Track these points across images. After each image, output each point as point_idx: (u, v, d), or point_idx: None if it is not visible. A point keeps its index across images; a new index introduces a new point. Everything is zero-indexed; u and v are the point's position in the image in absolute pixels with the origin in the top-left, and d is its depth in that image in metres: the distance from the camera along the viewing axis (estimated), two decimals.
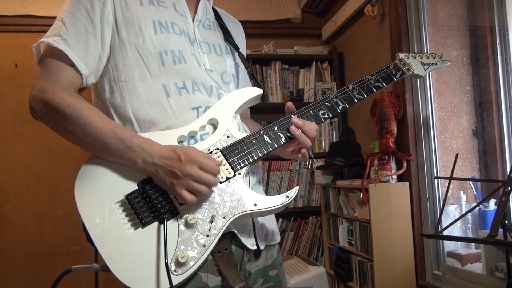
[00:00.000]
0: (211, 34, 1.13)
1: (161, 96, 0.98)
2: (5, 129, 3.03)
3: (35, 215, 3.01)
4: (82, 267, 0.92)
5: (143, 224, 0.88)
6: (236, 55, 1.18)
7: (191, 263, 0.87)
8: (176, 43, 1.02)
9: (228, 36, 1.17)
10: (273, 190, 3.12)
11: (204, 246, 0.89)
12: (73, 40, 0.94)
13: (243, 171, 0.96)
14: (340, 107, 1.07)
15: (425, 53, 1.26)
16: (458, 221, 1.81)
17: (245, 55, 1.23)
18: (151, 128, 0.97)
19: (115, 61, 0.99)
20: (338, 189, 2.60)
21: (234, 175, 0.95)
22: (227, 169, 0.95)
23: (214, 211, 0.91)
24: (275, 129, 1.01)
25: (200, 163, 0.87)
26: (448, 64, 1.29)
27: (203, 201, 0.91)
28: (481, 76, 2.15)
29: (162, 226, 0.87)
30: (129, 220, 0.89)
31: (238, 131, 1.01)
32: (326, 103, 1.06)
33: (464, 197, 2.05)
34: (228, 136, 0.98)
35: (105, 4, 0.97)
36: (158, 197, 0.90)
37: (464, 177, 2.14)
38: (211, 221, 0.90)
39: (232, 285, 0.91)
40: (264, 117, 3.17)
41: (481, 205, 1.93)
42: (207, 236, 0.89)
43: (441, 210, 1.69)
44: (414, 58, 1.23)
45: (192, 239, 0.88)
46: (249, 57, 2.99)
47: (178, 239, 0.88)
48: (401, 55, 1.21)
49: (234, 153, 0.96)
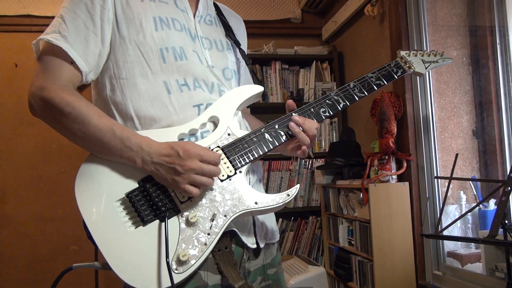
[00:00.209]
0: (212, 30, 1.13)
1: (162, 93, 0.98)
2: (5, 129, 3.03)
3: (35, 215, 3.01)
4: (83, 265, 0.92)
5: (144, 222, 0.88)
6: (238, 50, 1.17)
7: (192, 261, 0.87)
8: (177, 39, 1.01)
9: (229, 32, 1.16)
10: (273, 190, 3.12)
11: (205, 244, 0.88)
12: (73, 37, 0.93)
13: (244, 169, 0.95)
14: (341, 105, 1.06)
15: (426, 51, 1.25)
16: (458, 221, 1.81)
17: (246, 50, 1.22)
18: (152, 126, 0.97)
19: (116, 58, 0.98)
20: (338, 189, 2.60)
21: (235, 173, 0.94)
22: (228, 167, 0.94)
23: (215, 209, 0.91)
24: (276, 127, 1.01)
25: (201, 156, 0.87)
26: (448, 62, 1.29)
27: (204, 199, 0.91)
28: (481, 76, 2.15)
29: (163, 224, 0.87)
30: (130, 218, 0.89)
31: (239, 129, 1.00)
32: (327, 101, 1.06)
33: (464, 197, 2.05)
34: (229, 134, 0.98)
35: (105, 0, 0.96)
36: (159, 195, 0.89)
37: (464, 177, 2.14)
38: (212, 219, 0.90)
39: (231, 284, 0.91)
40: (264, 117, 3.16)
41: (481, 205, 1.93)
42: (208, 234, 0.89)
43: (441, 210, 1.69)
44: (415, 55, 1.22)
45: (193, 237, 0.88)
46: (249, 57, 2.94)
47: (179, 237, 0.88)
48: (402, 53, 1.21)
49: (235, 151, 0.96)
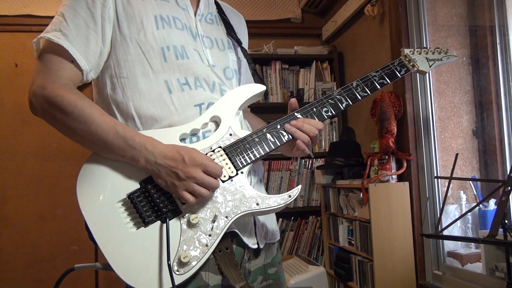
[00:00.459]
0: (213, 29, 1.12)
1: (163, 93, 0.97)
2: (5, 129, 3.03)
3: (35, 215, 3.00)
4: (85, 266, 0.92)
5: (146, 223, 0.88)
6: (239, 49, 1.16)
7: (194, 262, 0.87)
8: (178, 38, 1.00)
9: (230, 31, 1.15)
10: (273, 189, 3.12)
11: (207, 245, 0.88)
12: (73, 35, 0.92)
13: (245, 169, 0.95)
14: (343, 105, 1.05)
15: (430, 48, 1.23)
16: (458, 221, 1.81)
17: (247, 48, 1.21)
18: (154, 125, 0.96)
19: (117, 57, 0.97)
20: (338, 189, 2.60)
21: (237, 174, 0.94)
22: (229, 168, 0.94)
23: (216, 210, 0.91)
24: (278, 127, 1.01)
25: (205, 166, 0.87)
26: (453, 59, 1.26)
27: (206, 201, 0.91)
28: (481, 76, 2.15)
29: (164, 225, 0.87)
30: (131, 219, 0.89)
31: (240, 129, 1.00)
32: (330, 100, 1.05)
33: (464, 197, 2.05)
34: (230, 134, 0.97)
35: None
36: (161, 196, 0.89)
37: (464, 177, 2.14)
38: (214, 221, 0.90)
39: (232, 284, 0.91)
40: (264, 116, 3.12)
41: (481, 205, 1.93)
42: (210, 235, 0.89)
43: (441, 210, 1.69)
44: (420, 53, 1.20)
45: (195, 238, 0.88)
46: None
47: (180, 239, 0.88)
48: (406, 51, 1.19)
49: (237, 152, 0.96)
